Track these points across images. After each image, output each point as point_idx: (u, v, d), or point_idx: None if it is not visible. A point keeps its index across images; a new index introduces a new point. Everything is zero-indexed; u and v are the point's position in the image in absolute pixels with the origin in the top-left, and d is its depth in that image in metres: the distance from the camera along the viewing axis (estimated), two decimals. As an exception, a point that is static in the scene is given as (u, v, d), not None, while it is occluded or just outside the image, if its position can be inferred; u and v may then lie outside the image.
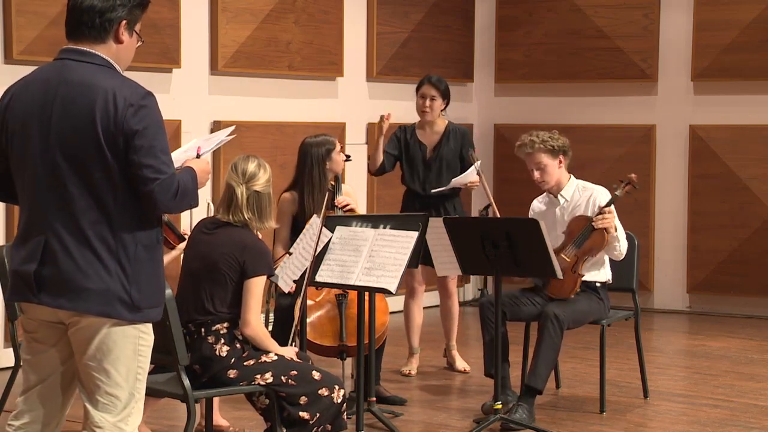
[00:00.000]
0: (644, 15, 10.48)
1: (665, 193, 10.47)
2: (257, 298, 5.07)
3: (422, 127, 7.80)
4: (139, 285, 3.87)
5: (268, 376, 5.03)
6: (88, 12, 3.93)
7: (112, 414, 3.92)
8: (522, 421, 6.23)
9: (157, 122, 3.87)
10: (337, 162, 6.80)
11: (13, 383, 5.95)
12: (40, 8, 7.78)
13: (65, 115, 3.85)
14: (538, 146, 6.70)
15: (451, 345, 7.94)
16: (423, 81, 7.77)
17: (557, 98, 10.88)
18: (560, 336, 6.45)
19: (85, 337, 3.89)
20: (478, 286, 10.96)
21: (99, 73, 3.89)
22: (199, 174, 4.05)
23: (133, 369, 3.94)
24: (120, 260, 3.84)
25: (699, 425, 6.53)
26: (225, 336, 5.06)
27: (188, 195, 3.95)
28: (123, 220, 3.85)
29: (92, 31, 3.93)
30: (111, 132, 3.80)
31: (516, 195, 10.54)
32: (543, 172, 6.72)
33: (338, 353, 6.45)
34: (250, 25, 9.07)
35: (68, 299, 3.84)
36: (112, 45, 3.96)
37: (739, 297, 10.19)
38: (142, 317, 3.91)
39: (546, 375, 6.43)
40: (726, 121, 10.19)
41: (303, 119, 9.34)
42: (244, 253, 5.06)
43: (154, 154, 3.82)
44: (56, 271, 3.84)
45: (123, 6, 3.94)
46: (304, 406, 5.04)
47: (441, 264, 6.42)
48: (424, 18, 10.51)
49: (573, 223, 6.62)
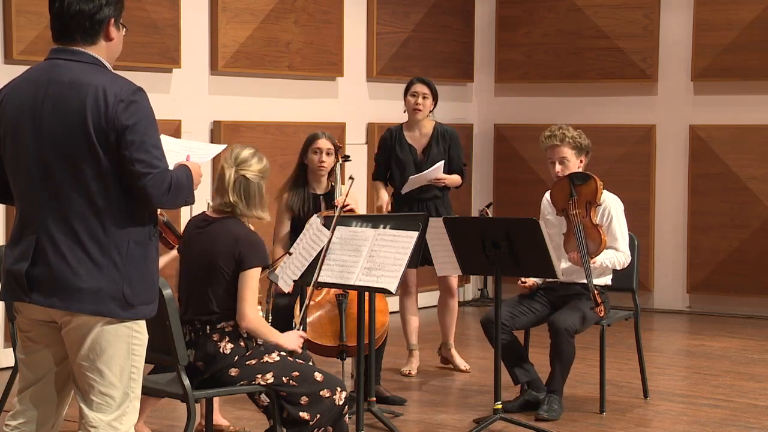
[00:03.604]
0: (644, 15, 10.48)
1: (665, 193, 10.47)
2: (253, 290, 5.02)
3: (411, 128, 7.75)
4: (132, 282, 3.87)
5: (269, 377, 5.03)
6: (77, 17, 3.91)
7: (106, 413, 3.92)
8: (553, 413, 6.47)
9: (148, 117, 3.87)
10: (311, 159, 6.81)
11: (13, 383, 5.95)
12: (40, 8, 7.75)
13: (56, 114, 3.85)
14: (568, 140, 6.69)
15: (450, 344, 7.92)
16: (413, 81, 7.74)
17: (557, 98, 10.88)
18: (572, 344, 6.53)
19: (77, 336, 3.89)
20: (478, 286, 10.97)
21: (89, 70, 3.89)
22: (194, 174, 4.04)
23: (126, 368, 3.93)
24: (112, 257, 3.84)
25: (699, 425, 6.53)
26: (230, 334, 5.05)
27: (182, 190, 3.94)
28: (115, 218, 3.85)
29: (84, 35, 3.92)
30: (102, 128, 3.80)
31: (516, 195, 10.57)
32: (564, 167, 6.70)
33: (338, 353, 6.45)
34: (250, 25, 9.07)
35: (61, 299, 3.84)
36: (103, 44, 3.96)
37: (739, 297, 10.19)
38: (134, 314, 3.90)
39: (564, 377, 6.60)
40: (726, 121, 10.19)
41: (303, 119, 9.34)
42: (237, 246, 5.01)
43: (145, 149, 3.82)
44: (48, 270, 3.84)
45: (108, 4, 3.94)
46: (305, 407, 5.03)
47: (441, 264, 6.42)
48: (424, 18, 10.51)
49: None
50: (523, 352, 6.78)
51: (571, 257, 6.56)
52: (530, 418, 6.47)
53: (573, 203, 6.56)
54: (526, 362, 6.74)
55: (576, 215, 6.54)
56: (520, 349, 6.76)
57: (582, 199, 6.58)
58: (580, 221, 6.52)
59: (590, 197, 6.55)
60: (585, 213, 6.54)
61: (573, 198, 6.56)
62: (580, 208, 6.55)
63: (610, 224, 6.65)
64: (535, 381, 6.69)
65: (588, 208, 6.54)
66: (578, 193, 6.58)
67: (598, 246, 6.51)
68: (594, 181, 6.58)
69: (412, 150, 7.70)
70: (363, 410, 5.84)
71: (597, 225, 6.52)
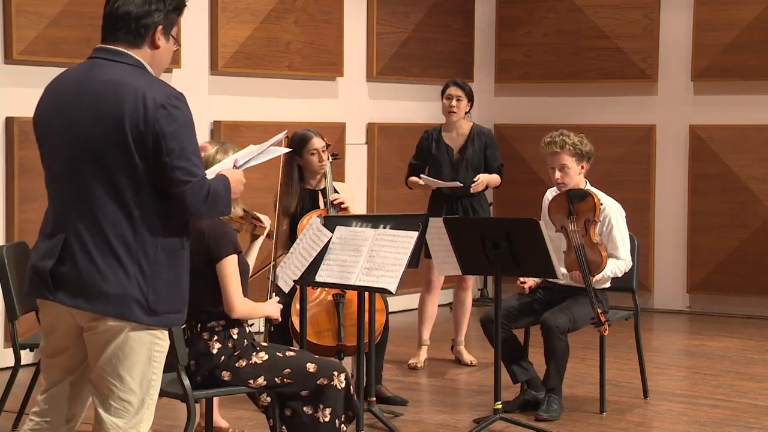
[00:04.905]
0: (644, 15, 10.48)
1: (665, 193, 10.47)
2: (233, 280, 4.94)
3: (448, 129, 7.97)
4: (156, 288, 3.84)
5: (261, 380, 4.99)
6: (124, 18, 3.88)
7: (123, 419, 3.91)
8: (553, 413, 6.46)
9: (188, 123, 3.84)
10: (309, 161, 6.80)
11: (13, 383, 5.95)
12: (40, 8, 7.78)
13: (91, 114, 3.81)
14: (568, 148, 6.65)
15: (459, 340, 8.07)
16: (448, 84, 8.00)
17: (557, 98, 10.88)
18: (565, 341, 6.52)
19: (101, 341, 3.86)
20: (478, 286, 10.96)
21: (130, 72, 3.85)
22: (232, 183, 4.03)
23: (147, 375, 3.92)
24: (139, 262, 3.81)
25: (699, 425, 6.53)
26: (219, 333, 5.02)
27: (220, 201, 3.92)
28: (145, 223, 3.81)
29: (128, 36, 3.89)
30: (140, 132, 3.76)
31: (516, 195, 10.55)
32: (564, 174, 6.67)
33: (336, 353, 6.45)
34: (250, 25, 9.07)
35: (86, 300, 3.81)
36: (147, 50, 3.93)
37: (739, 297, 10.19)
38: (159, 321, 3.88)
39: (560, 375, 6.58)
40: (726, 121, 10.19)
41: (303, 119, 9.33)
42: (204, 241, 4.93)
43: (186, 157, 3.79)
44: (75, 270, 3.82)
45: (159, 11, 3.92)
46: (307, 400, 4.99)
47: (441, 264, 6.43)
48: (424, 18, 10.51)
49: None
50: (522, 351, 6.79)
51: (573, 276, 6.54)
52: (530, 418, 6.47)
53: (572, 221, 6.53)
54: (525, 361, 6.75)
55: (575, 232, 6.51)
56: (519, 347, 6.77)
57: (581, 216, 6.53)
58: (580, 240, 6.49)
59: (588, 214, 6.51)
60: (584, 231, 6.50)
61: (572, 216, 6.53)
62: (578, 226, 6.52)
63: (610, 232, 6.63)
64: (534, 380, 6.70)
65: (587, 225, 6.50)
66: (577, 211, 6.54)
67: (599, 265, 6.47)
68: (592, 198, 6.52)
69: (449, 150, 7.93)
70: (363, 410, 5.84)
71: (597, 243, 6.47)
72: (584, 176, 6.76)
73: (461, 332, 8.06)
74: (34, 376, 6.16)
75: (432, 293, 7.94)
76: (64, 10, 7.88)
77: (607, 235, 6.62)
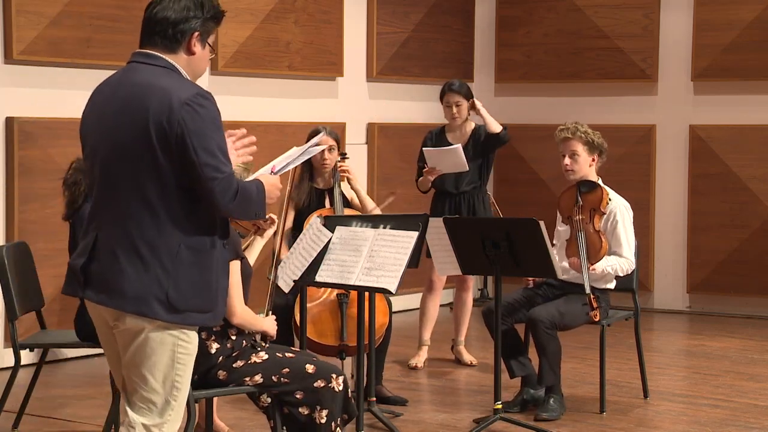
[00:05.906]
0: (644, 15, 10.48)
1: (665, 193, 10.47)
2: (235, 285, 4.94)
3: (452, 129, 7.97)
4: (179, 286, 3.84)
5: (258, 378, 4.98)
6: (162, 23, 3.92)
7: (147, 418, 3.93)
8: (553, 413, 6.46)
9: (215, 121, 3.87)
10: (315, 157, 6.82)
11: (13, 383, 5.94)
12: (40, 8, 7.78)
13: (120, 115, 3.86)
14: (580, 135, 6.70)
15: (460, 340, 8.08)
16: (444, 90, 7.95)
17: (557, 98, 10.88)
18: (554, 336, 6.50)
19: (125, 339, 3.90)
20: (478, 286, 10.96)
21: (159, 73, 3.89)
22: (267, 188, 4.04)
23: (170, 376, 3.92)
24: (161, 260, 3.83)
25: (699, 425, 6.53)
26: (217, 333, 5.02)
27: (251, 201, 3.93)
28: (170, 220, 3.83)
29: (165, 41, 3.93)
30: (164, 130, 3.79)
31: (516, 195, 10.56)
32: (574, 162, 6.70)
33: (338, 352, 6.46)
34: (250, 25, 9.07)
35: (109, 296, 3.85)
36: (183, 56, 3.96)
37: (739, 297, 10.19)
38: (182, 320, 3.88)
39: (555, 372, 6.54)
40: (726, 121, 10.19)
41: (303, 119, 9.33)
42: None
43: (213, 153, 3.82)
44: (100, 267, 3.87)
45: (196, 18, 3.94)
46: (302, 402, 4.98)
47: (441, 264, 6.43)
48: (424, 18, 10.51)
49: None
50: (521, 346, 6.75)
51: (572, 262, 6.56)
52: (530, 418, 6.47)
53: (578, 209, 6.58)
54: (523, 356, 6.73)
55: (579, 221, 6.54)
56: (519, 342, 6.74)
57: (587, 205, 6.59)
58: (583, 227, 6.52)
59: (595, 204, 6.55)
60: (588, 219, 6.55)
61: (578, 204, 6.58)
62: (583, 215, 6.56)
63: (614, 229, 6.64)
64: (530, 376, 6.68)
65: (592, 214, 6.55)
66: (584, 200, 6.59)
67: (598, 252, 6.50)
68: (600, 189, 6.60)
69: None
70: (363, 410, 5.84)
71: (599, 231, 6.52)
72: (597, 173, 6.78)
73: (462, 332, 8.08)
74: (34, 376, 6.16)
75: (434, 294, 7.94)
76: (64, 10, 7.88)
77: (612, 231, 6.63)
